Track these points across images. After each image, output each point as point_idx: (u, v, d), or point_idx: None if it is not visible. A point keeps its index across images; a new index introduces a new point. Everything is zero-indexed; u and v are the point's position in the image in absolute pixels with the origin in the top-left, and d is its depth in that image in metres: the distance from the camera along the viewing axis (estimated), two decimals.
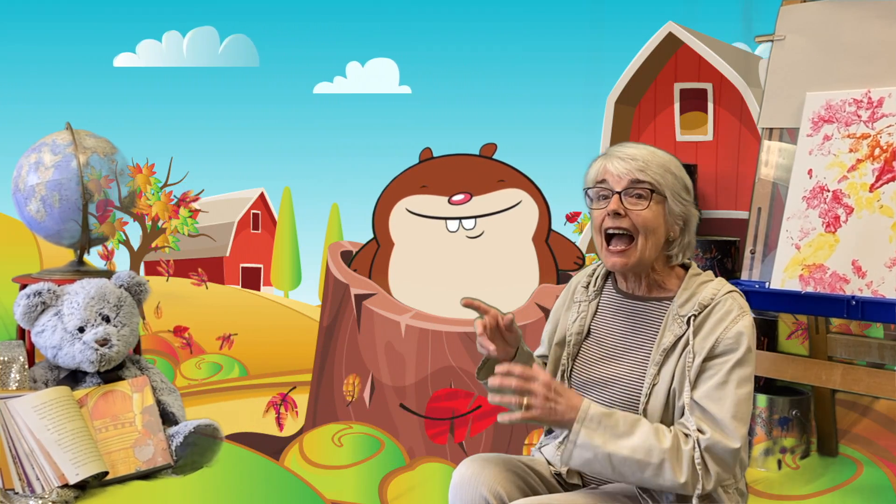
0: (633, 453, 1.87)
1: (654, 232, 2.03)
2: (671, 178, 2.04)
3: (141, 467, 3.01)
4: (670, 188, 2.04)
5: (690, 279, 2.07)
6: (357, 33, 6.17)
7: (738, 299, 2.00)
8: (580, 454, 1.90)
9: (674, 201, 2.04)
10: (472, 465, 2.13)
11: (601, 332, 2.16)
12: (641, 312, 2.11)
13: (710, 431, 1.89)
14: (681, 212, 2.05)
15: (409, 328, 3.69)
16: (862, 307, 2.80)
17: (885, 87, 2.99)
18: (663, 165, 2.04)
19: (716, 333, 1.95)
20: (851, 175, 2.96)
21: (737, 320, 1.95)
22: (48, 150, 3.73)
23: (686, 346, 1.97)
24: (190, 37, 6.15)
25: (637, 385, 2.02)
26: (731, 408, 1.89)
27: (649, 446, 1.87)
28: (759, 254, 3.22)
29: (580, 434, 1.89)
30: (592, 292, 2.21)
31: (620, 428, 1.90)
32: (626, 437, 1.89)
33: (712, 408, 1.91)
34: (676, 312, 2.02)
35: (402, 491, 3.36)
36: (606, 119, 4.25)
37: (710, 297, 2.00)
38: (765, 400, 3.51)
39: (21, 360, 3.16)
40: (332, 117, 6.10)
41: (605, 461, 1.89)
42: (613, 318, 2.15)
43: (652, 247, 2.04)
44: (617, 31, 5.20)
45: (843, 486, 3.31)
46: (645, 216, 2.02)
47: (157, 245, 4.60)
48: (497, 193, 3.92)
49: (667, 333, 2.01)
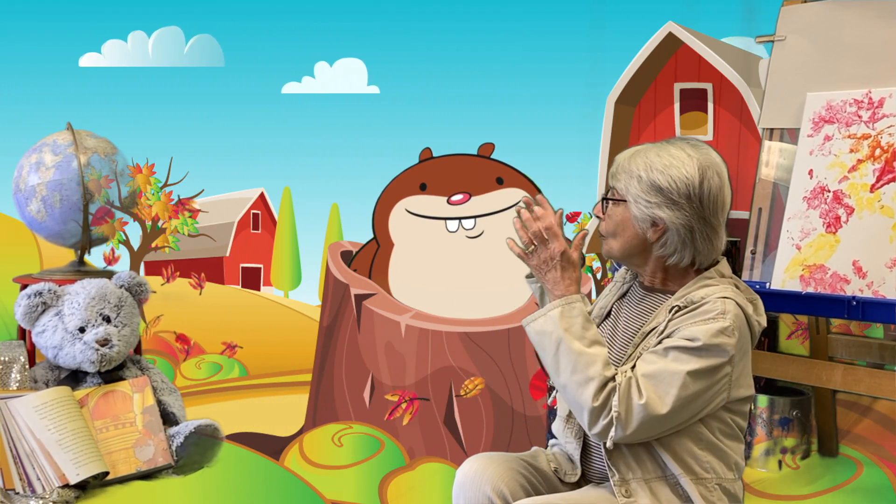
0: (579, 356, 1.95)
1: (619, 235, 2.09)
2: (635, 183, 2.04)
3: (141, 467, 3.01)
4: (632, 194, 2.05)
5: (697, 280, 2.07)
6: (327, 33, 6.18)
7: (728, 304, 1.97)
8: (542, 323, 2.00)
9: (636, 206, 2.05)
10: (475, 464, 2.14)
11: (617, 315, 2.22)
12: (645, 302, 2.15)
13: (632, 378, 1.94)
14: (647, 216, 2.04)
15: (409, 328, 3.69)
16: (863, 307, 2.80)
17: (885, 87, 2.99)
18: (630, 171, 2.06)
19: (684, 322, 1.97)
20: (852, 175, 2.96)
21: (708, 321, 1.94)
22: (49, 150, 3.73)
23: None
24: (155, 37, 6.16)
25: (617, 364, 2.06)
26: (652, 370, 1.93)
27: (593, 361, 1.94)
28: (759, 254, 3.22)
29: (555, 309, 2.00)
30: (629, 276, 2.26)
31: (588, 334, 1.98)
32: (585, 342, 1.97)
33: (640, 365, 1.97)
34: (670, 304, 2.05)
35: (402, 491, 3.36)
36: (606, 119, 4.25)
37: (702, 295, 2.00)
38: (765, 400, 3.51)
39: (22, 361, 3.16)
40: (302, 117, 6.11)
41: (555, 343, 1.98)
42: (628, 304, 2.20)
43: (620, 246, 2.11)
44: (617, 31, 5.19)
45: (843, 487, 3.32)
46: (608, 222, 2.12)
47: (157, 245, 4.59)
48: (496, 193, 3.93)
49: (652, 322, 2.06)
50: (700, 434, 2.01)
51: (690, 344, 1.93)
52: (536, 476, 2.19)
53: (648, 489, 2.00)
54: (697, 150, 2.06)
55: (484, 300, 3.76)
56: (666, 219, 2.02)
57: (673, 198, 2.01)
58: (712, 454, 2.02)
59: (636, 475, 2.01)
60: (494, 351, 3.60)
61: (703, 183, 2.02)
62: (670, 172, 2.01)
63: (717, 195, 2.04)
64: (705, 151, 2.07)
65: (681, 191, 2.01)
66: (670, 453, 2.00)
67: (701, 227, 2.03)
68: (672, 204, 2.01)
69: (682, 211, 2.01)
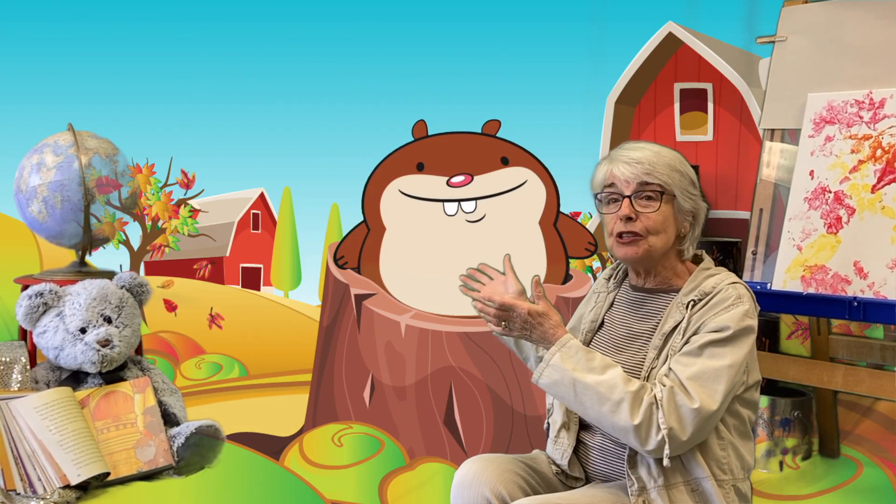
0: (598, 385, 1.95)
1: (665, 231, 2.09)
2: (678, 177, 2.08)
3: (142, 468, 3.01)
4: (678, 186, 2.08)
5: (699, 272, 2.11)
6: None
7: (739, 289, 2.03)
8: (550, 374, 2.00)
9: (683, 199, 2.09)
10: (474, 465, 2.15)
11: (613, 323, 2.21)
12: (649, 303, 2.15)
13: (672, 385, 1.94)
14: (690, 208, 2.11)
15: (409, 328, 3.67)
16: (864, 308, 2.81)
17: (886, 87, 2.99)
18: (669, 164, 2.08)
19: (706, 315, 1.99)
20: (853, 176, 2.96)
21: (730, 308, 1.98)
22: (50, 150, 3.73)
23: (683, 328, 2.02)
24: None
25: (638, 369, 2.06)
26: (694, 372, 1.94)
27: (614, 384, 1.94)
28: (760, 255, 3.22)
29: (555, 356, 2.00)
30: (613, 284, 2.27)
31: (595, 363, 1.99)
32: (597, 372, 1.97)
33: (678, 369, 1.96)
34: (680, 301, 2.07)
35: (402, 491, 3.36)
36: (606, 119, 4.25)
37: (712, 285, 2.04)
38: (767, 401, 3.51)
39: (23, 361, 3.17)
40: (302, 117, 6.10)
41: (570, 386, 1.97)
42: (625, 310, 2.20)
43: (664, 243, 2.10)
44: (617, 32, 5.19)
45: (843, 487, 3.32)
46: (655, 218, 2.08)
47: (156, 245, 4.60)
48: (500, 173, 3.75)
49: (668, 320, 2.06)
50: (721, 433, 2.02)
51: (722, 335, 1.95)
52: (535, 478, 2.19)
53: (667, 496, 1.99)
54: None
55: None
56: (701, 210, 2.13)
57: (699, 189, 2.14)
58: (732, 454, 2.04)
59: (657, 483, 2.00)
60: (494, 351, 3.58)
61: None
62: (686, 167, 2.11)
63: None
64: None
65: (696, 182, 2.13)
66: (703, 455, 2.00)
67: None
68: (701, 195, 2.13)
69: (702, 201, 2.13)
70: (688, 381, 1.93)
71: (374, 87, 6.18)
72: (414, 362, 3.66)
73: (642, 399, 1.93)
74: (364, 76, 6.25)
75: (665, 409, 1.91)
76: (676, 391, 1.93)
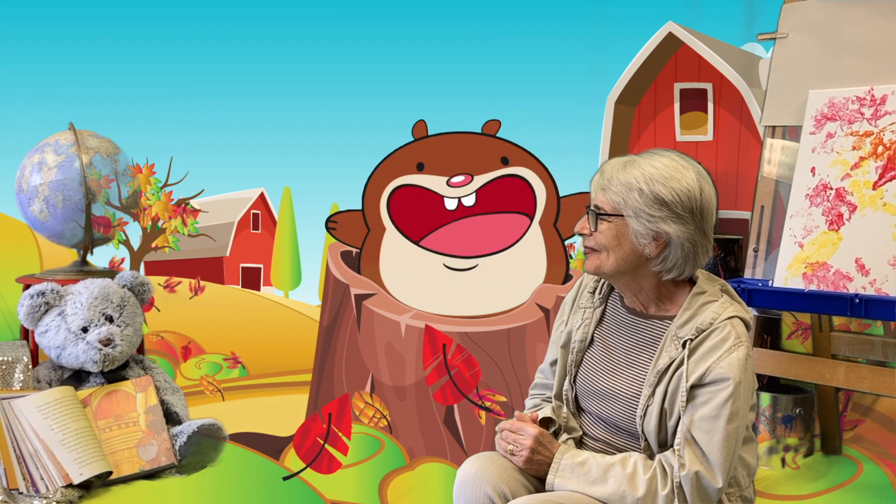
0: (608, 499, 1.95)
1: (615, 250, 2.02)
2: (634, 196, 1.97)
3: (145, 467, 3.01)
4: (633, 207, 1.97)
5: (693, 298, 2.03)
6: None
7: (738, 326, 1.97)
8: (564, 495, 1.99)
9: (636, 221, 1.98)
10: (475, 464, 2.14)
11: (605, 342, 2.16)
12: (642, 330, 2.10)
13: (698, 465, 1.91)
14: (649, 230, 1.98)
15: (409, 328, 3.67)
16: (865, 305, 2.80)
17: (888, 84, 3.00)
18: (628, 183, 1.98)
19: (708, 361, 1.94)
20: (854, 173, 2.97)
21: (731, 350, 1.93)
22: (51, 150, 3.73)
23: (679, 368, 1.96)
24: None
25: (634, 403, 2.03)
26: (719, 443, 1.90)
27: (622, 493, 1.94)
28: (762, 252, 3.22)
29: (554, 483, 2.02)
30: (598, 299, 2.20)
31: (593, 474, 1.98)
32: (599, 483, 1.96)
33: (702, 440, 1.92)
34: (675, 334, 2.00)
35: (402, 491, 3.36)
36: (606, 119, 4.25)
37: (709, 321, 1.97)
38: (768, 398, 3.51)
39: (25, 360, 3.16)
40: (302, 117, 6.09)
41: (586, 496, 1.98)
42: (618, 330, 2.15)
43: (615, 262, 2.03)
44: (617, 31, 5.19)
45: (843, 486, 3.32)
46: (598, 237, 2.03)
47: (157, 245, 4.59)
48: (500, 173, 3.73)
49: (663, 355, 2.00)
50: None
51: (730, 389, 1.91)
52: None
53: None
54: (685, 159, 2.03)
55: (484, 292, 3.67)
56: (672, 233, 1.96)
57: (677, 211, 1.96)
58: (738, 465, 2.04)
59: None
60: (494, 351, 3.58)
61: (701, 194, 1.99)
62: (672, 185, 1.96)
63: (711, 206, 2.01)
64: (691, 160, 2.04)
65: (684, 204, 1.96)
66: None
67: (701, 239, 2.01)
68: (677, 218, 1.96)
69: (686, 225, 1.97)
70: (718, 458, 1.91)
71: (374, 87, 6.17)
72: (414, 362, 3.66)
73: (657, 499, 1.93)
74: (364, 76, 6.24)
75: (691, 497, 1.91)
76: (702, 474, 1.91)
